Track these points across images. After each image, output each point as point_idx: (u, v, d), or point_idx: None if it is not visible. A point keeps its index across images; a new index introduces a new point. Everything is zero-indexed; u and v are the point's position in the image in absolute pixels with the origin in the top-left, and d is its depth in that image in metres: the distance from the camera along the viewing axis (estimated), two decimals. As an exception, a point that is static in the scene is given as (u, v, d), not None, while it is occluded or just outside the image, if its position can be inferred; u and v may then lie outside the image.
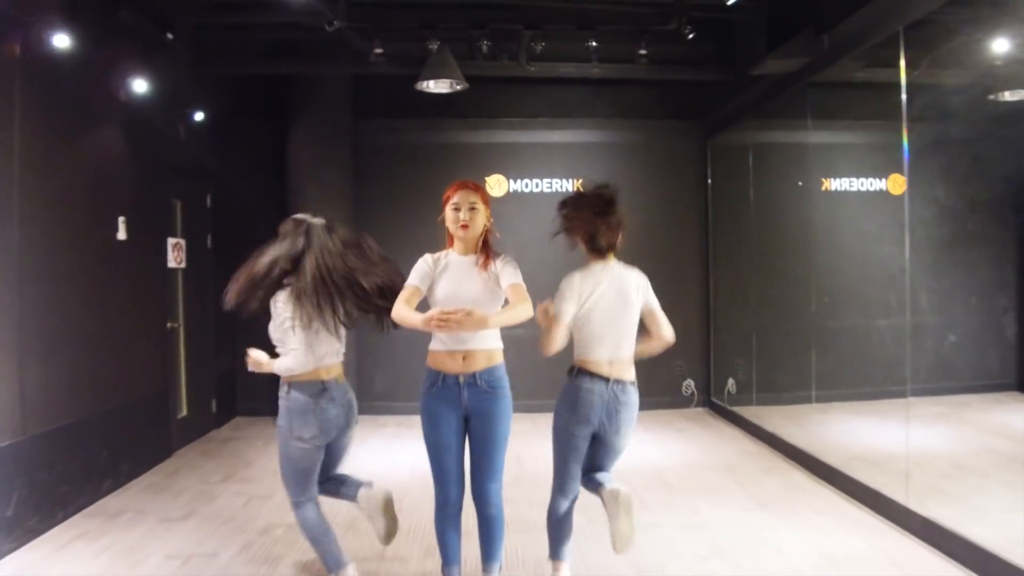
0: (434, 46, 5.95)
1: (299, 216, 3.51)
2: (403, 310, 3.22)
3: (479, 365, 3.28)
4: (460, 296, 3.23)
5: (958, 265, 7.79)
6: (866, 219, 7.96)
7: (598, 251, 3.42)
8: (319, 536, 3.56)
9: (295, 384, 3.46)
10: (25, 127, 4.53)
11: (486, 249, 3.39)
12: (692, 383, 8.43)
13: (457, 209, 3.31)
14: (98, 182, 5.45)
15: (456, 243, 3.39)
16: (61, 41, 4.74)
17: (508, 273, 3.29)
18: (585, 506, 3.79)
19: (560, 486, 3.51)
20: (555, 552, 3.61)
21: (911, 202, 5.19)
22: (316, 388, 3.45)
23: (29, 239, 4.56)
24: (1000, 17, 5.10)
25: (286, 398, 3.48)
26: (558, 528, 3.58)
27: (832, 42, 5.56)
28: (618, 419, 3.39)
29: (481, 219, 3.35)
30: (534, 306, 3.23)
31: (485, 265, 3.31)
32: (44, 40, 4.68)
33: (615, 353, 3.40)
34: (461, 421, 3.33)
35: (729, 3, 4.99)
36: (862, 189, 8.01)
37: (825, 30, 5.56)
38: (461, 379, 3.26)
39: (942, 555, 4.14)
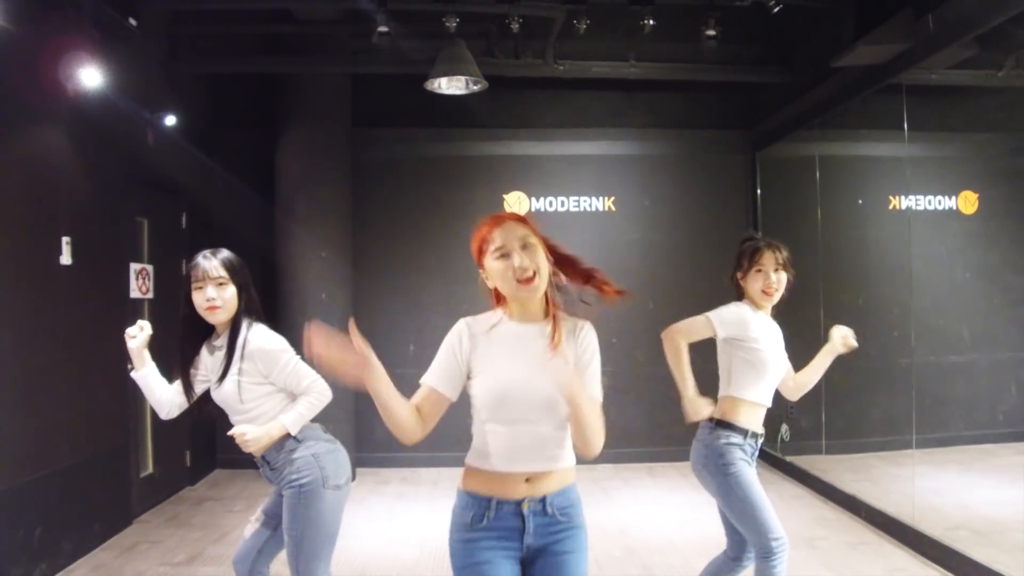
0: (452, 24, 4.93)
1: None
2: (412, 428, 2.06)
3: (551, 487, 2.12)
4: (532, 392, 2.04)
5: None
6: (938, 241, 7.04)
7: None
8: None
9: (303, 430, 2.89)
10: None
11: (553, 313, 2.13)
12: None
13: (506, 255, 2.05)
14: (35, 196, 4.45)
15: (513, 305, 2.14)
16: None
17: (592, 375, 2.13)
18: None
19: None
20: None
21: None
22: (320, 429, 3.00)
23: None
24: None
25: (305, 447, 2.87)
26: None
27: (939, 24, 4.55)
28: None
29: (544, 258, 2.08)
30: None
31: (555, 343, 2.07)
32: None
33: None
34: (517, 567, 2.12)
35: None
36: (929, 208, 7.08)
37: (930, 9, 4.56)
38: (525, 506, 2.09)
39: None
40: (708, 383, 3.17)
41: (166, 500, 6.06)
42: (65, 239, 4.64)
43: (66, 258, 4.64)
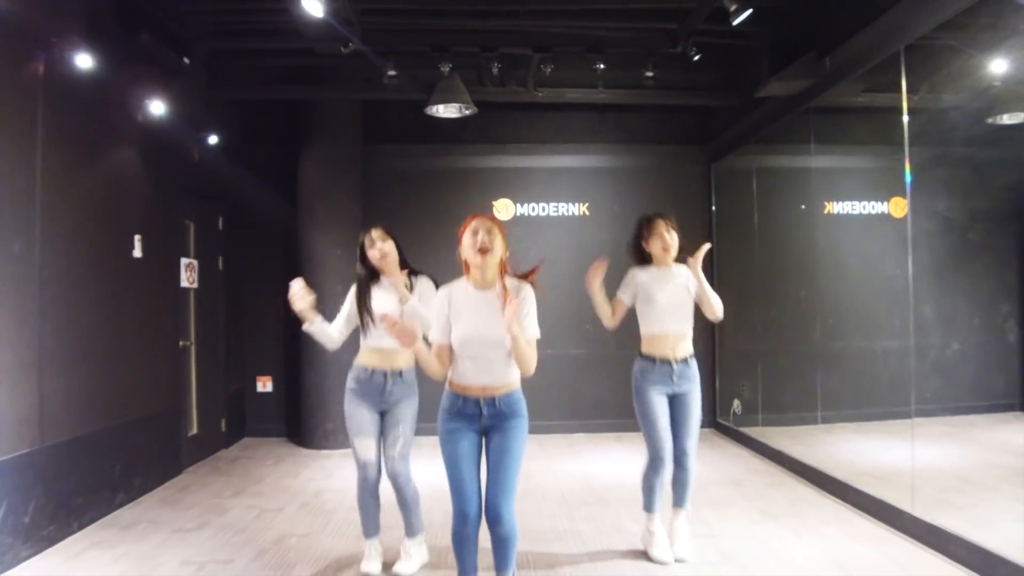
0: (446, 68, 6.09)
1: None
2: (440, 369, 3.33)
3: (499, 392, 3.30)
4: (483, 338, 3.22)
5: (961, 283, 7.93)
6: (868, 241, 8.07)
7: None
8: None
9: None
10: (47, 146, 4.64)
11: (502, 282, 3.31)
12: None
13: (475, 233, 3.26)
14: (116, 201, 5.55)
15: (473, 272, 3.30)
16: (83, 62, 4.86)
17: (531, 320, 3.29)
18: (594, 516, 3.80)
19: None
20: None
21: (913, 224, 5.28)
22: None
23: (50, 255, 4.66)
24: (997, 39, 5.23)
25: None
26: None
27: (834, 64, 5.69)
28: None
29: (500, 245, 3.27)
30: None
31: (507, 297, 3.21)
32: (66, 60, 4.81)
33: None
34: (479, 437, 3.33)
35: (735, 23, 5.06)
36: (864, 212, 8.11)
37: (827, 52, 5.69)
38: (482, 400, 3.28)
39: (947, 559, 4.19)
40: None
41: (207, 458, 7.17)
42: (137, 236, 5.77)
43: (137, 252, 5.77)
